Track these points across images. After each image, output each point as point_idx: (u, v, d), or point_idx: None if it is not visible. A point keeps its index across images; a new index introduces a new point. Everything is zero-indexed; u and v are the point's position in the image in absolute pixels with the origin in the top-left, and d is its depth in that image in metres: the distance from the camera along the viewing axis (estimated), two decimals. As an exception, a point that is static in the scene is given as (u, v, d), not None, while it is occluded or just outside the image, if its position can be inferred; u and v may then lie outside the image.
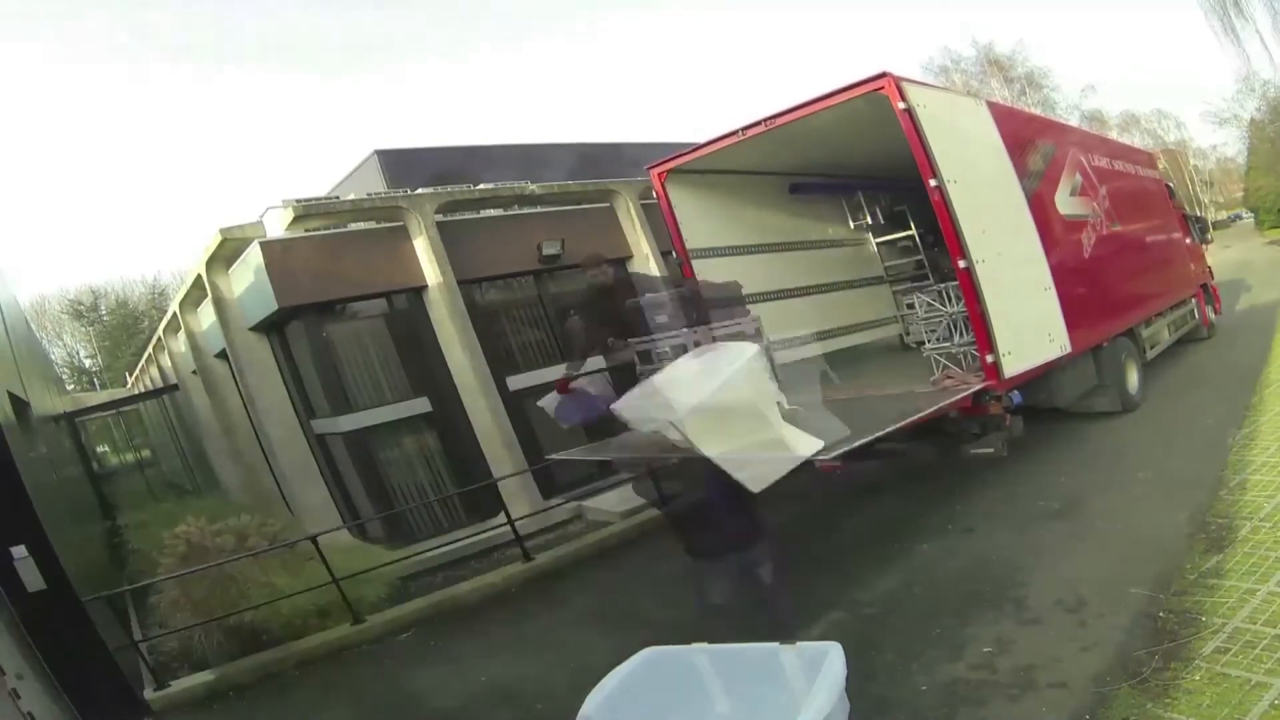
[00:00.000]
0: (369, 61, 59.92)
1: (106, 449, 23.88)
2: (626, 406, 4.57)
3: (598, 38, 66.67)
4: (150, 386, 19.66)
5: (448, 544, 8.11)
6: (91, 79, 46.12)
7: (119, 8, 46.39)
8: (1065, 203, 7.48)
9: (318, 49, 57.63)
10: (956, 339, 6.07)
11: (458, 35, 65.54)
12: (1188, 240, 11.59)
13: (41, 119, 43.49)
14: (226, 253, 9.60)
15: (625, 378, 5.46)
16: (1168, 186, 11.82)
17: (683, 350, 4.96)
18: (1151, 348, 9.05)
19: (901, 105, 5.43)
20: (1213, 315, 11.85)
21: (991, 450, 5.71)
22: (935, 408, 5.34)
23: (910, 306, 7.03)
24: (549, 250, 10.50)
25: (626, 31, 69.40)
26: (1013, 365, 5.66)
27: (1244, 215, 42.57)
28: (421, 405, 9.77)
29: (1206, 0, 16.19)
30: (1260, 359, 8.89)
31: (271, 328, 9.78)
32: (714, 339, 4.96)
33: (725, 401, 3.86)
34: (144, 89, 48.85)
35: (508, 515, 7.56)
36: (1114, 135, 28.27)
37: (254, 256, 9.06)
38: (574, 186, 11.75)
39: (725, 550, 4.16)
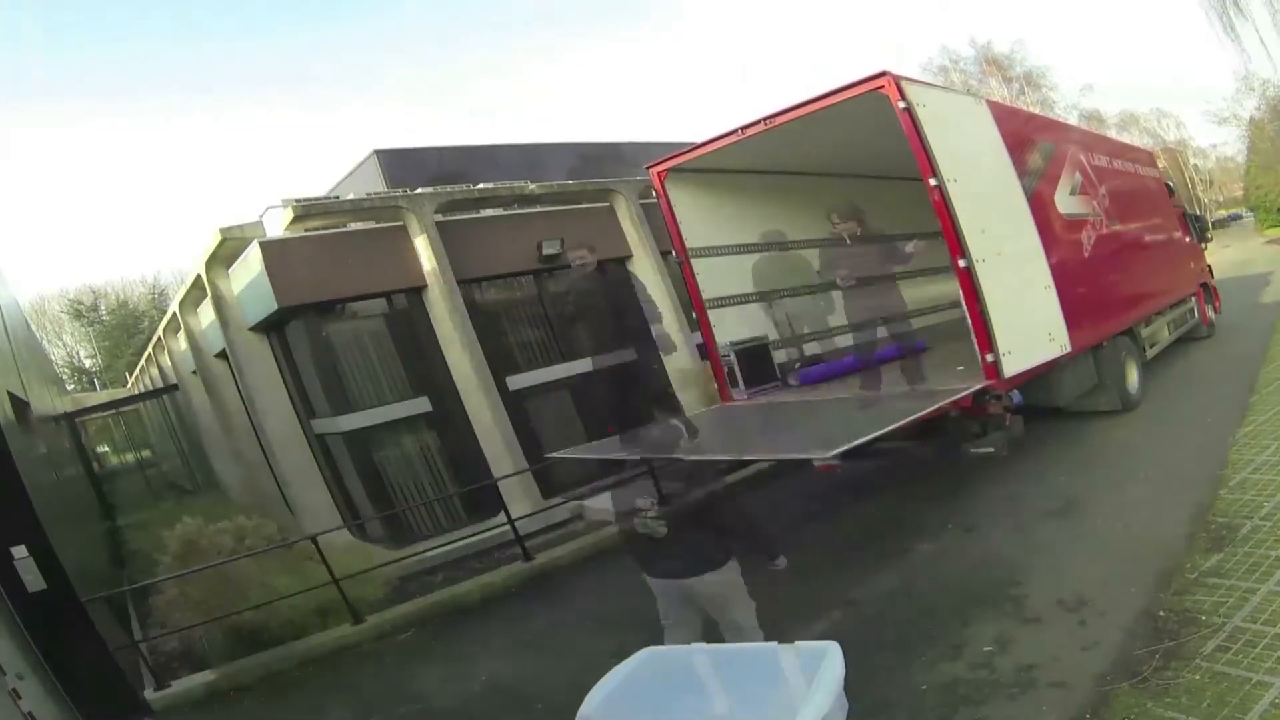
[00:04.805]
0: (368, 61, 59.86)
1: (106, 449, 23.89)
2: None
3: (597, 36, 66.67)
4: (150, 386, 19.66)
5: (447, 544, 8.07)
6: (90, 77, 46.12)
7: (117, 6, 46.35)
8: (1065, 201, 7.47)
9: (317, 47, 57.59)
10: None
11: (457, 35, 65.49)
12: (1187, 239, 11.59)
13: (41, 118, 43.47)
14: (226, 253, 9.57)
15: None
16: (1167, 185, 11.82)
17: None
18: (1151, 346, 9.05)
19: (901, 104, 5.43)
20: (1212, 314, 11.85)
21: (992, 450, 5.69)
22: (935, 407, 5.34)
23: None
24: (549, 250, 10.48)
25: (626, 30, 69.37)
26: (1013, 364, 5.65)
27: (1244, 214, 42.54)
28: (421, 405, 9.75)
29: None
30: (1260, 357, 8.88)
31: (271, 328, 9.76)
32: None
33: None
34: (143, 87, 48.82)
35: (508, 515, 7.56)
36: (1113, 134, 28.24)
37: (254, 256, 9.04)
38: (574, 186, 11.73)
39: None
